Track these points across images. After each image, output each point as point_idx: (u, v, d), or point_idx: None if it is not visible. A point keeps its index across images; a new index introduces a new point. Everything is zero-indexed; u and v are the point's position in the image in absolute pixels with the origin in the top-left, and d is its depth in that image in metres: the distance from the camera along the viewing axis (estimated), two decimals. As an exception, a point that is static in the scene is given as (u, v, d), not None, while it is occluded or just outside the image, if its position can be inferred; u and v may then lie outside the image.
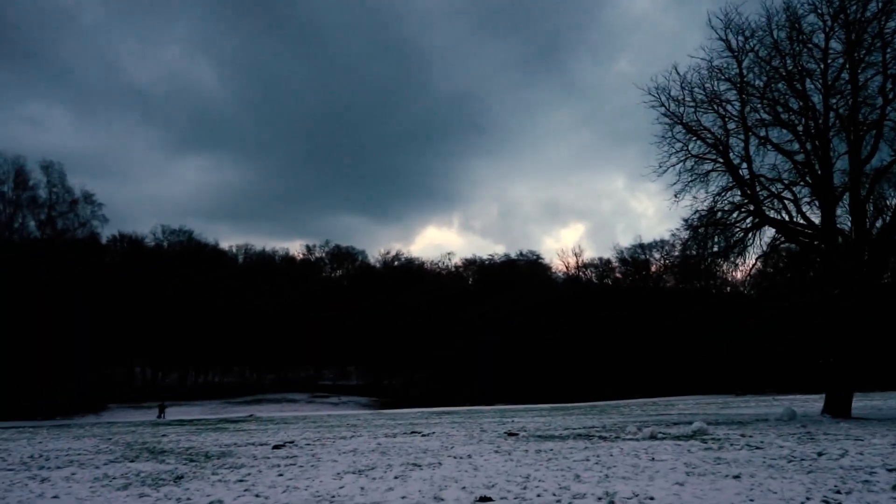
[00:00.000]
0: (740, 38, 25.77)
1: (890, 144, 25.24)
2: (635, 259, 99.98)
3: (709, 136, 27.59)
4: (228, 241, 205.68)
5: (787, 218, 26.81)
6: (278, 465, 12.65)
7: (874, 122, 25.15)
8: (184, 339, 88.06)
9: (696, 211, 27.92)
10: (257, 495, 9.34)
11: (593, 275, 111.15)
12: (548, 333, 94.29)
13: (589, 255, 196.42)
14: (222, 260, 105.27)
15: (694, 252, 29.07)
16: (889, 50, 24.34)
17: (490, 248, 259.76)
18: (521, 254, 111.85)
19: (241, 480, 10.63)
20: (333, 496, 9.06)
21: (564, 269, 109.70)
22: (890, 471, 10.46)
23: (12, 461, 14.96)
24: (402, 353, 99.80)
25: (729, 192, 27.74)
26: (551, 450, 14.76)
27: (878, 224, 25.90)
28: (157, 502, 9.16)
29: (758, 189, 26.94)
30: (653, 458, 12.59)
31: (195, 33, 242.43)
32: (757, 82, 26.30)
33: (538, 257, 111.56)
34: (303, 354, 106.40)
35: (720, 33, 25.86)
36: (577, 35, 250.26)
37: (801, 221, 26.86)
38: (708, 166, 27.83)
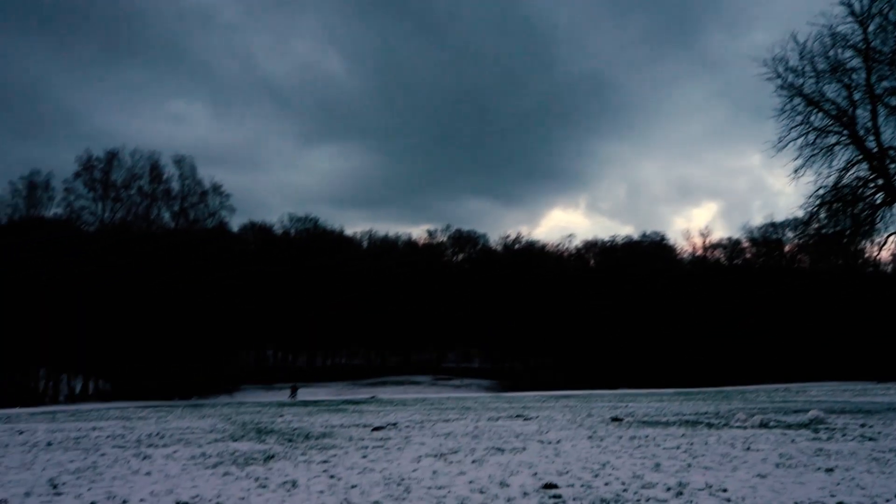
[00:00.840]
0: (865, 0, 23.94)
1: None
2: (767, 238, 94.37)
3: (832, 107, 25.90)
4: (354, 228, 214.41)
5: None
6: (367, 447, 13.42)
7: None
8: (312, 322, 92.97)
9: (821, 187, 26.40)
10: (332, 476, 9.96)
11: (722, 255, 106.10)
12: (673, 316, 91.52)
13: (721, 234, 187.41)
14: (347, 245, 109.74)
15: (819, 231, 27.47)
16: None
17: (618, 230, 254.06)
18: (644, 235, 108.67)
19: (325, 461, 11.43)
20: (403, 478, 9.62)
21: (691, 250, 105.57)
22: None
23: (130, 439, 16.45)
24: (524, 337, 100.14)
25: (855, 167, 26.00)
26: (647, 436, 14.78)
27: None
28: (237, 481, 9.72)
29: (888, 163, 25.03)
30: (748, 448, 12.39)
31: (324, 25, 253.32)
32: (884, 48, 24.34)
33: (663, 238, 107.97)
34: (426, 338, 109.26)
35: (843, -5, 24.11)
36: (708, 5, 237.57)
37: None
38: (832, 139, 26.19)
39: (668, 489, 8.58)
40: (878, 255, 33.87)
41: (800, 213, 27.85)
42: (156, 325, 59.47)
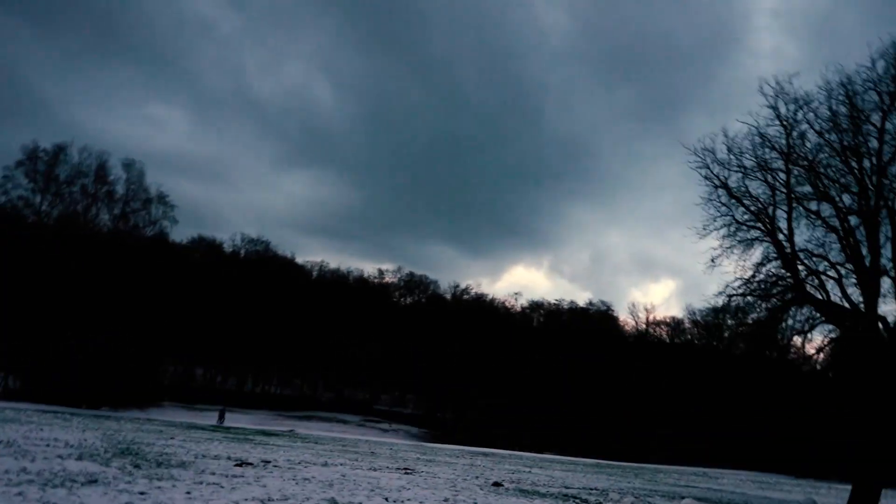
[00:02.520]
0: (791, 107, 24.98)
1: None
2: (706, 321, 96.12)
3: (754, 203, 26.70)
4: (316, 257, 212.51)
5: (827, 298, 25.49)
6: (202, 484, 12.80)
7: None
8: (246, 345, 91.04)
9: (738, 278, 27.01)
10: None
11: (665, 333, 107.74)
12: (611, 386, 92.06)
13: (674, 312, 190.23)
14: (297, 273, 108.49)
15: (730, 321, 28.09)
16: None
17: (576, 294, 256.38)
18: (590, 303, 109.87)
19: (141, 493, 10.82)
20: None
21: (635, 324, 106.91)
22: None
23: None
24: (461, 388, 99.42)
25: (771, 263, 26.71)
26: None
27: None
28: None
29: (799, 264, 25.78)
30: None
31: (319, 51, 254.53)
32: (806, 154, 25.34)
33: (608, 308, 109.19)
34: (362, 376, 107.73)
35: (770, 100, 25.14)
36: (697, 89, 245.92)
37: (842, 304, 25.49)
38: (751, 234, 26.89)
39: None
40: (811, 352, 34.60)
41: (716, 302, 28.10)
42: (79, 326, 57.54)
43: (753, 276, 26.64)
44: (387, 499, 13.26)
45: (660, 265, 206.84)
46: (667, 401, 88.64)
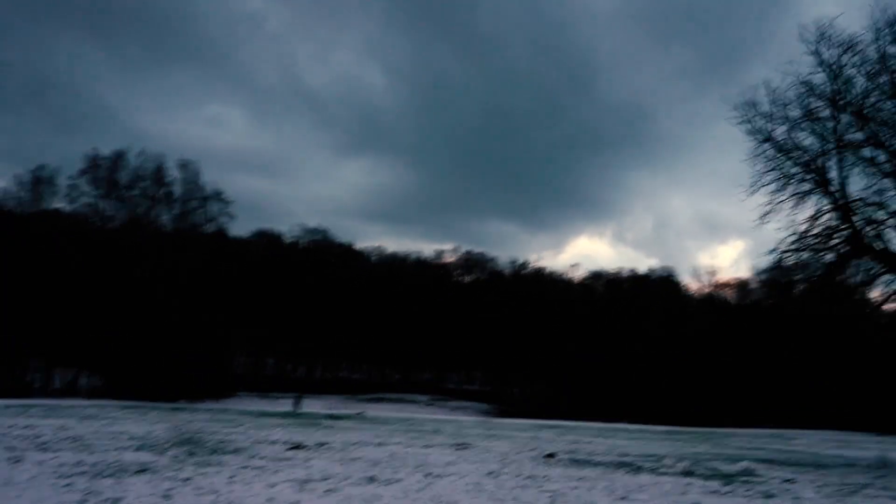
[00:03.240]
0: (834, 51, 23.85)
1: None
2: (775, 280, 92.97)
3: (802, 155, 25.70)
4: (378, 241, 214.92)
5: (885, 247, 24.45)
6: (247, 468, 13.33)
7: None
8: (313, 333, 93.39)
9: (792, 233, 26.18)
10: (166, 497, 9.98)
11: (732, 294, 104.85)
12: (680, 352, 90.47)
13: (743, 273, 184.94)
14: (356, 259, 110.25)
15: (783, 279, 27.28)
16: None
17: (642, 261, 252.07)
18: (651, 269, 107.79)
19: (186, 479, 11.40)
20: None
21: (699, 288, 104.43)
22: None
23: (37, 440, 16.33)
24: (527, 362, 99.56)
25: (825, 216, 25.74)
26: (546, 476, 14.65)
27: None
28: (62, 494, 9.80)
29: (854, 214, 24.76)
30: (623, 497, 12.23)
31: (367, 38, 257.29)
32: (854, 99, 24.19)
33: (671, 274, 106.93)
34: (429, 357, 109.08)
35: (811, 46, 24.08)
36: (754, 42, 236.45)
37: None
38: (802, 187, 25.95)
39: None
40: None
41: (771, 260, 27.27)
42: (155, 325, 60.07)
43: (808, 231, 25.78)
44: (429, 474, 13.57)
45: (727, 226, 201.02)
46: (738, 363, 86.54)
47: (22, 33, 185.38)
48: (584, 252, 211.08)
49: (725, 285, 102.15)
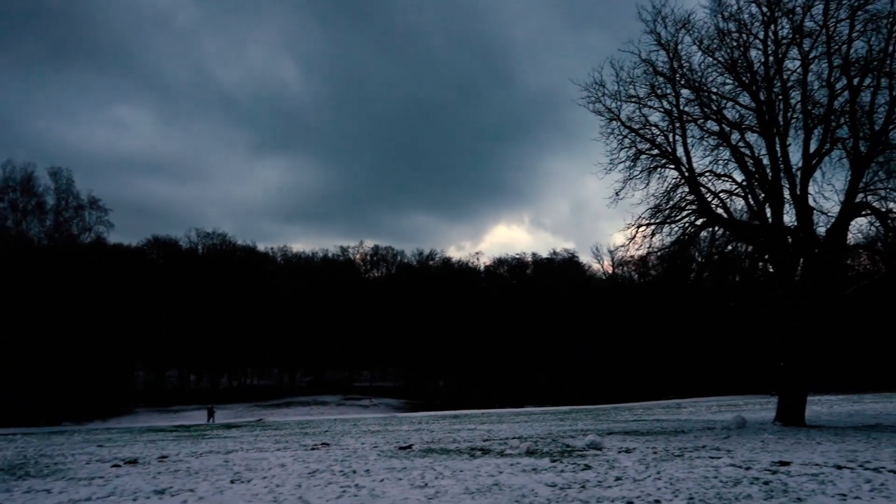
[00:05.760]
0: (671, 29, 24.44)
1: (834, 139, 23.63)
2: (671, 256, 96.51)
3: (651, 131, 26.29)
4: (298, 242, 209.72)
5: (731, 216, 25.39)
6: (30, 491, 12.47)
7: (821, 116, 23.74)
8: (216, 342, 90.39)
9: (648, 208, 26.76)
10: None
11: (633, 273, 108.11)
12: (584, 333, 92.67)
13: (635, 252, 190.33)
14: (260, 262, 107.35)
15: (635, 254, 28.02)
16: (835, 37, 22.88)
17: (559, 246, 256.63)
18: (553, 252, 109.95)
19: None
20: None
21: (602, 269, 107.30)
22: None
23: None
24: (436, 355, 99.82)
25: (677, 190, 26.43)
26: (367, 469, 14.21)
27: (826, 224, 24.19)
28: None
29: (703, 186, 25.55)
30: (432, 482, 11.90)
31: (281, 32, 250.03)
32: (694, 76, 24.93)
33: (573, 255, 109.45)
34: (340, 356, 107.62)
35: (650, 25, 24.59)
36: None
37: (749, 220, 25.43)
38: (653, 162, 26.55)
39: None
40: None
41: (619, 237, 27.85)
42: (32, 342, 56.36)
43: (661, 204, 26.41)
44: (235, 481, 12.85)
45: (640, 206, 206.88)
46: (639, 339, 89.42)
47: None
48: (501, 240, 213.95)
49: (627, 264, 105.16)
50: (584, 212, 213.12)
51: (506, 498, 10.27)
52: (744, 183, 25.52)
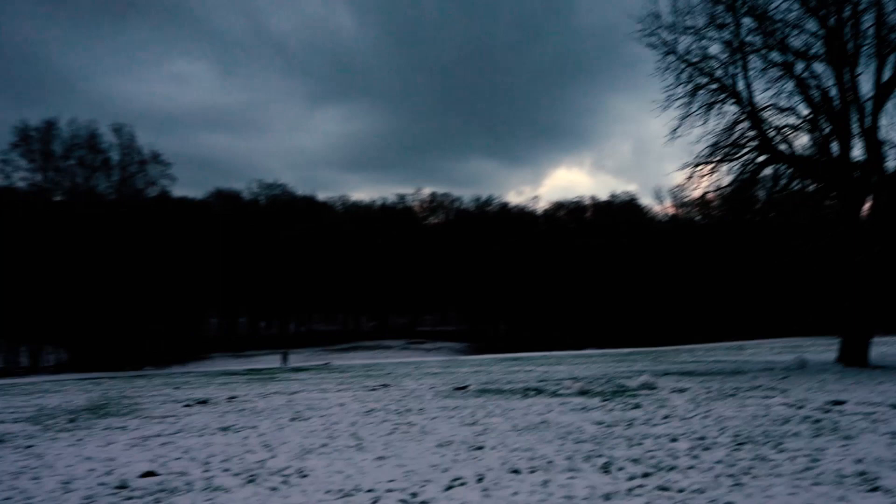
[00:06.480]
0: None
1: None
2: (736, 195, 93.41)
3: (709, 64, 25.23)
4: (359, 191, 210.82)
5: (793, 152, 24.37)
6: (108, 428, 13.39)
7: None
8: (285, 289, 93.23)
9: (707, 146, 25.94)
10: (42, 457, 10.01)
11: (696, 214, 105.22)
12: (645, 275, 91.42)
13: (693, 192, 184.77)
14: (320, 211, 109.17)
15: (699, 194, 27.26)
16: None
17: (621, 188, 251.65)
18: (613, 195, 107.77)
19: (29, 447, 11.33)
20: (70, 465, 9.61)
21: (664, 210, 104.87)
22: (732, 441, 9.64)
23: None
24: (496, 299, 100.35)
25: (737, 126, 25.46)
26: (421, 407, 14.69)
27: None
28: None
29: (765, 121, 24.53)
30: (474, 423, 12.25)
31: None
32: (756, 2, 23.65)
33: (633, 198, 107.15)
34: (403, 301, 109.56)
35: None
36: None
37: (814, 156, 24.38)
38: (712, 98, 25.56)
39: (273, 473, 8.45)
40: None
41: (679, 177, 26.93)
42: (117, 295, 59.34)
43: (720, 142, 25.55)
44: (294, 419, 13.53)
45: (700, 144, 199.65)
46: (701, 280, 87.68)
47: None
48: (562, 184, 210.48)
49: (688, 204, 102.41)
50: (646, 152, 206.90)
51: (551, 434, 10.52)
52: (809, 116, 24.40)
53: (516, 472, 8.05)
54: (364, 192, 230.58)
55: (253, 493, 7.57)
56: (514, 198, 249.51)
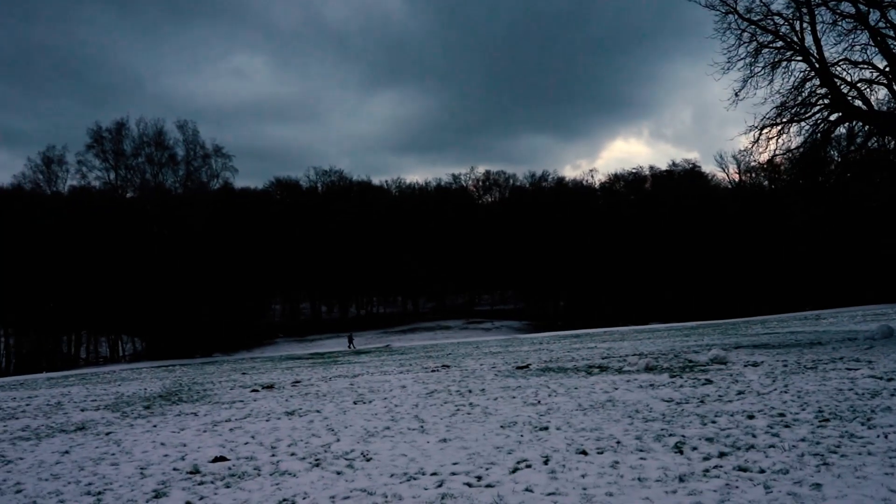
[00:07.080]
0: None
1: None
2: (805, 158, 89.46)
3: (773, 21, 23.93)
4: (413, 174, 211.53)
5: (871, 108, 22.92)
6: (181, 414, 13.72)
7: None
8: (344, 273, 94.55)
9: (773, 107, 24.73)
10: (66, 452, 10.22)
11: (763, 179, 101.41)
12: (709, 245, 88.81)
13: (759, 156, 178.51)
14: (376, 195, 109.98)
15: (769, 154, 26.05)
16: None
17: (681, 156, 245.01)
18: (673, 163, 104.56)
19: (108, 433, 11.63)
20: (146, 451, 9.85)
21: (725, 177, 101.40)
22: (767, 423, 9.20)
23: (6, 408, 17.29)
24: (555, 275, 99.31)
25: (806, 84, 24.14)
26: (508, 386, 14.53)
27: None
28: None
29: (837, 77, 23.15)
30: (546, 398, 12.00)
31: None
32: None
33: (694, 166, 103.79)
34: (460, 282, 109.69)
35: None
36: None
37: (893, 111, 22.91)
38: (777, 56, 24.29)
39: (338, 456, 8.40)
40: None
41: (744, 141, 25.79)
42: (187, 285, 61.32)
43: (787, 102, 24.29)
44: (358, 402, 13.55)
45: (766, 106, 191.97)
46: (772, 248, 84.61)
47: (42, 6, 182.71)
48: (619, 155, 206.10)
49: (755, 170, 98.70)
50: (707, 118, 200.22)
51: (618, 413, 10.18)
52: (886, 69, 22.89)
53: (584, 453, 7.77)
54: (418, 174, 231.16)
55: (319, 476, 7.53)
56: (570, 172, 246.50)
